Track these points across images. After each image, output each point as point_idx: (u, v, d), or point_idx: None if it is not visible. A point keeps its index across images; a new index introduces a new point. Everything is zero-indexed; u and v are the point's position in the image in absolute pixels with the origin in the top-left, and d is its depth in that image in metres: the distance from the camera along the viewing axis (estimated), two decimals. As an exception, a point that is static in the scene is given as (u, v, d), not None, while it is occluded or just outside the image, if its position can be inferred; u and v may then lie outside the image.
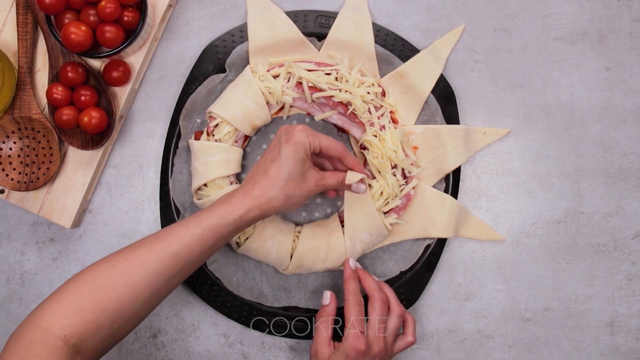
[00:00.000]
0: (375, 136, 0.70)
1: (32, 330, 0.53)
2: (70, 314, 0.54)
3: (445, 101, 0.74)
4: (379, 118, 0.70)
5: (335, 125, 0.73)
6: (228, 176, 0.71)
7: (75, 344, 0.54)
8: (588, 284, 0.75)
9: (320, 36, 0.74)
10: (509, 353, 0.75)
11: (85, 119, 0.69)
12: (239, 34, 0.74)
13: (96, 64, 0.73)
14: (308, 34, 0.73)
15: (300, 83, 0.70)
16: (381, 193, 0.70)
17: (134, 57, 0.73)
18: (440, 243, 0.74)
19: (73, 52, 0.69)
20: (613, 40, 0.76)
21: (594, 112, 0.76)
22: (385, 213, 0.71)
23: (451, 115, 0.74)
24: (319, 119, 0.72)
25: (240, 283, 0.74)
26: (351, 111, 0.70)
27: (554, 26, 0.76)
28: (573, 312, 0.75)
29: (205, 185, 0.70)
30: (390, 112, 0.72)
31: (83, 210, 0.75)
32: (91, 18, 0.68)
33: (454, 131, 0.73)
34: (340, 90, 0.69)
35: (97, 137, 0.71)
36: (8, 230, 0.76)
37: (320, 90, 0.69)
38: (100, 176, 0.76)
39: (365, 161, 0.73)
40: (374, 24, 0.74)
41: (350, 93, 0.69)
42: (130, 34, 0.69)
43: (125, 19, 0.68)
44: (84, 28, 0.66)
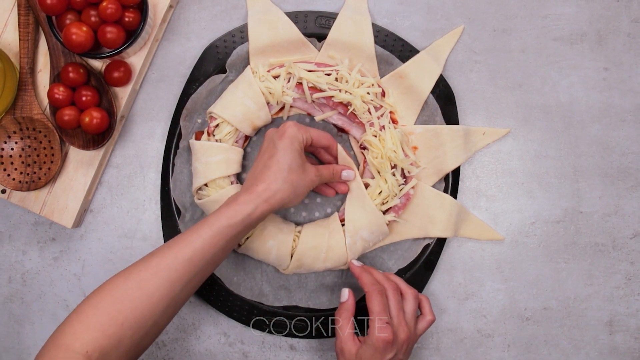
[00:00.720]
0: (375, 136, 0.70)
1: (55, 350, 0.53)
2: (91, 330, 0.54)
3: (444, 101, 0.74)
4: (378, 118, 0.70)
5: (335, 125, 0.74)
6: (229, 176, 0.71)
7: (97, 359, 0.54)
8: (587, 283, 0.76)
9: (321, 37, 0.74)
10: (508, 352, 0.76)
11: (87, 119, 0.69)
12: (240, 35, 0.74)
13: (97, 64, 0.73)
14: (308, 35, 0.74)
15: (301, 83, 0.70)
16: (380, 192, 0.70)
17: (135, 58, 0.73)
18: (440, 243, 0.74)
19: (74, 53, 0.70)
20: (612, 40, 0.76)
21: (592, 113, 0.76)
22: (384, 212, 0.71)
23: (451, 116, 0.74)
24: (319, 119, 0.73)
25: (240, 282, 0.74)
26: (351, 111, 0.70)
27: (553, 27, 0.76)
28: (572, 312, 0.76)
29: (206, 185, 0.71)
30: (390, 113, 0.72)
31: (84, 210, 0.75)
32: (92, 19, 0.68)
33: (453, 131, 0.73)
34: (340, 90, 0.69)
35: (98, 137, 0.72)
36: (9, 230, 0.77)
37: (321, 90, 0.70)
38: (102, 176, 0.76)
39: (365, 161, 0.73)
40: (373, 25, 0.74)
41: (350, 93, 0.69)
42: (131, 34, 0.70)
43: (126, 19, 0.69)
44: (85, 29, 0.67)
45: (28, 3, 0.71)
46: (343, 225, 0.71)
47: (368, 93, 0.70)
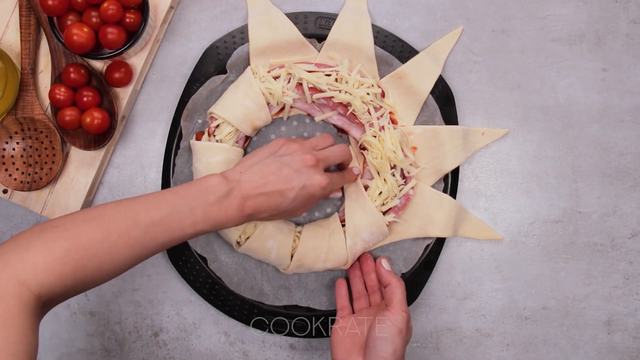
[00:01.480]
0: (375, 137, 0.70)
1: (7, 281, 0.49)
2: (48, 268, 0.51)
3: (444, 102, 0.74)
4: (378, 119, 0.71)
5: (335, 125, 0.74)
6: (229, 176, 0.71)
7: (45, 302, 0.52)
8: (585, 283, 0.76)
9: (320, 37, 0.74)
10: (507, 351, 0.76)
11: (88, 120, 0.69)
12: (240, 36, 0.74)
13: (98, 65, 0.73)
14: (308, 36, 0.74)
15: (301, 84, 0.70)
16: (379, 193, 0.71)
17: (136, 59, 0.74)
18: (439, 242, 0.75)
19: (75, 54, 0.70)
20: (610, 41, 0.76)
21: (591, 113, 0.76)
22: (384, 213, 0.72)
23: (450, 116, 0.75)
24: (319, 119, 0.73)
25: (241, 282, 0.74)
26: (351, 112, 0.71)
27: (552, 28, 0.77)
28: (571, 311, 0.76)
29: (206, 185, 0.71)
30: (390, 113, 0.73)
31: (85, 210, 0.76)
32: (93, 19, 0.68)
33: (452, 132, 0.74)
34: (340, 91, 0.70)
35: (99, 138, 0.72)
36: (11, 229, 0.77)
37: (320, 91, 0.70)
38: (103, 176, 0.76)
39: (364, 161, 0.73)
40: (373, 26, 0.74)
41: (350, 94, 0.70)
42: (132, 35, 0.70)
43: (127, 20, 0.69)
44: (86, 29, 0.67)
45: (29, 4, 0.71)
46: (343, 225, 0.71)
47: (368, 94, 0.70)
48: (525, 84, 0.76)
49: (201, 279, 0.74)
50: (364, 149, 0.72)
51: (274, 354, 0.76)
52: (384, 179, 0.71)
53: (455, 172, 0.75)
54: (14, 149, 0.72)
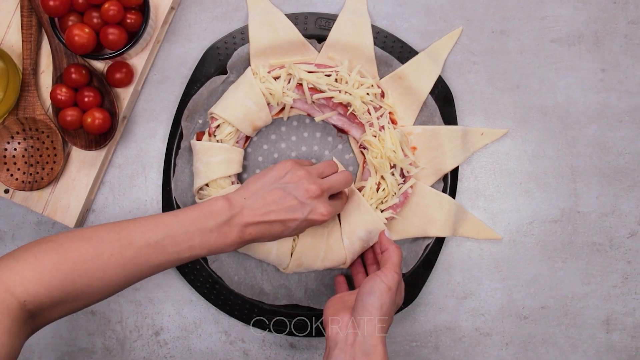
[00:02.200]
0: (375, 136, 0.71)
1: None
2: (36, 278, 0.51)
3: (443, 102, 0.75)
4: (378, 119, 0.71)
5: (335, 126, 0.74)
6: (229, 176, 0.72)
7: (32, 311, 0.52)
8: (584, 282, 0.76)
9: (321, 38, 0.75)
10: (506, 350, 0.76)
11: (89, 120, 0.70)
12: (240, 36, 0.75)
13: (99, 65, 0.74)
14: (308, 36, 0.74)
15: (301, 84, 0.70)
16: (377, 190, 0.71)
17: (137, 59, 0.74)
18: (439, 242, 0.75)
19: (77, 54, 0.70)
20: (609, 42, 0.77)
21: (590, 113, 0.77)
22: (382, 211, 0.72)
23: (449, 116, 0.75)
24: (319, 119, 0.73)
25: (241, 281, 0.75)
26: (351, 112, 0.71)
27: (551, 28, 0.77)
28: (569, 310, 0.76)
29: (207, 185, 0.71)
30: (390, 113, 0.73)
31: (86, 210, 0.76)
32: (94, 20, 0.68)
33: (452, 132, 0.74)
34: (340, 91, 0.70)
35: (101, 138, 0.72)
36: (13, 229, 0.77)
37: (320, 91, 0.70)
38: (104, 176, 0.77)
39: (364, 161, 0.74)
40: (373, 26, 0.74)
41: (350, 94, 0.70)
42: (133, 36, 0.70)
43: (128, 21, 0.69)
44: (87, 30, 0.67)
45: (31, 5, 0.72)
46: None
47: (367, 94, 0.70)
48: (524, 85, 0.77)
49: (202, 278, 0.74)
50: (364, 148, 0.72)
51: (274, 353, 0.77)
52: (382, 177, 0.71)
53: (455, 172, 0.75)
54: (15, 149, 0.72)
